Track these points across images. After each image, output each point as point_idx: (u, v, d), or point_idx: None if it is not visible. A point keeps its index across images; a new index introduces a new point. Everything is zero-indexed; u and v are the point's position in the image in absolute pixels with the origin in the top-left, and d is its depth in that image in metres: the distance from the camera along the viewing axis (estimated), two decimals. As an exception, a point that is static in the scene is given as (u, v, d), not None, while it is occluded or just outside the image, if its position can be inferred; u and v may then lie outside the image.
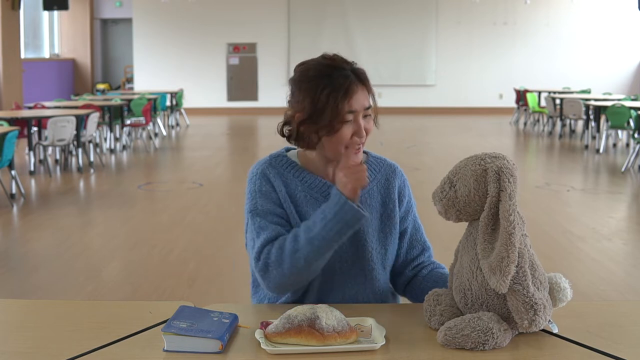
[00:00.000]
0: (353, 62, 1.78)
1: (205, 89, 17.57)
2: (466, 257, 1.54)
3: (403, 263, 1.89)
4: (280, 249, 1.66)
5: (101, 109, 10.16)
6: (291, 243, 1.65)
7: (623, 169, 8.67)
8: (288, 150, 1.87)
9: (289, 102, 1.78)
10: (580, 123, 12.51)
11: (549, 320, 1.50)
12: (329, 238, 1.64)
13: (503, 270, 1.41)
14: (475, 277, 1.50)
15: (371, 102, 1.77)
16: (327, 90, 1.70)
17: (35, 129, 8.83)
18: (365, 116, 1.75)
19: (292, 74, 1.80)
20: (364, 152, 1.90)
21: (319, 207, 1.70)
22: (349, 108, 1.71)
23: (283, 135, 1.80)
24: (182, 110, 14.86)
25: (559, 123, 12.53)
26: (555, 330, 1.52)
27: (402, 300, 1.94)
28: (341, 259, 1.79)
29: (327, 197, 1.76)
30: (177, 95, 14.41)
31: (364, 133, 1.74)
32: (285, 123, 1.80)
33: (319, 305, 1.51)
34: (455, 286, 1.56)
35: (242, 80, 17.70)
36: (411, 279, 1.88)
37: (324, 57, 1.77)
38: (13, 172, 6.89)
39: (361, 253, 1.79)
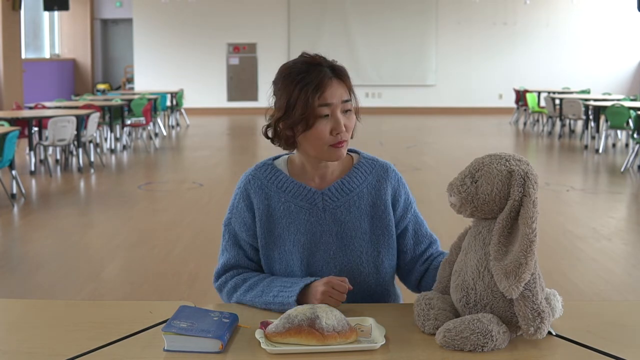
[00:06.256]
0: (333, 60, 1.77)
1: (205, 89, 17.56)
2: (473, 256, 1.51)
3: (412, 260, 1.88)
4: (234, 287, 1.79)
5: (101, 109, 10.16)
6: (244, 290, 1.76)
7: (622, 169, 8.67)
8: (276, 158, 1.87)
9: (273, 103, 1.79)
10: (580, 123, 12.50)
11: None
12: (264, 307, 1.72)
13: (519, 276, 1.40)
14: (482, 277, 1.48)
15: (351, 98, 1.74)
16: (300, 84, 1.70)
17: (35, 129, 8.83)
18: (345, 111, 1.73)
19: None
20: (355, 151, 1.89)
21: (306, 216, 1.76)
22: (323, 101, 1.69)
23: (267, 137, 1.81)
24: (182, 110, 14.86)
25: (558, 123, 12.53)
26: (553, 333, 1.52)
27: (403, 300, 1.94)
28: (327, 262, 1.79)
29: (314, 205, 1.77)
30: (177, 95, 14.41)
31: (343, 128, 1.71)
32: (268, 125, 1.80)
33: (319, 305, 1.51)
34: (456, 284, 1.54)
35: (242, 80, 17.69)
36: (424, 273, 1.87)
37: (303, 55, 1.77)
38: (14, 172, 6.88)
39: (348, 256, 1.79)
